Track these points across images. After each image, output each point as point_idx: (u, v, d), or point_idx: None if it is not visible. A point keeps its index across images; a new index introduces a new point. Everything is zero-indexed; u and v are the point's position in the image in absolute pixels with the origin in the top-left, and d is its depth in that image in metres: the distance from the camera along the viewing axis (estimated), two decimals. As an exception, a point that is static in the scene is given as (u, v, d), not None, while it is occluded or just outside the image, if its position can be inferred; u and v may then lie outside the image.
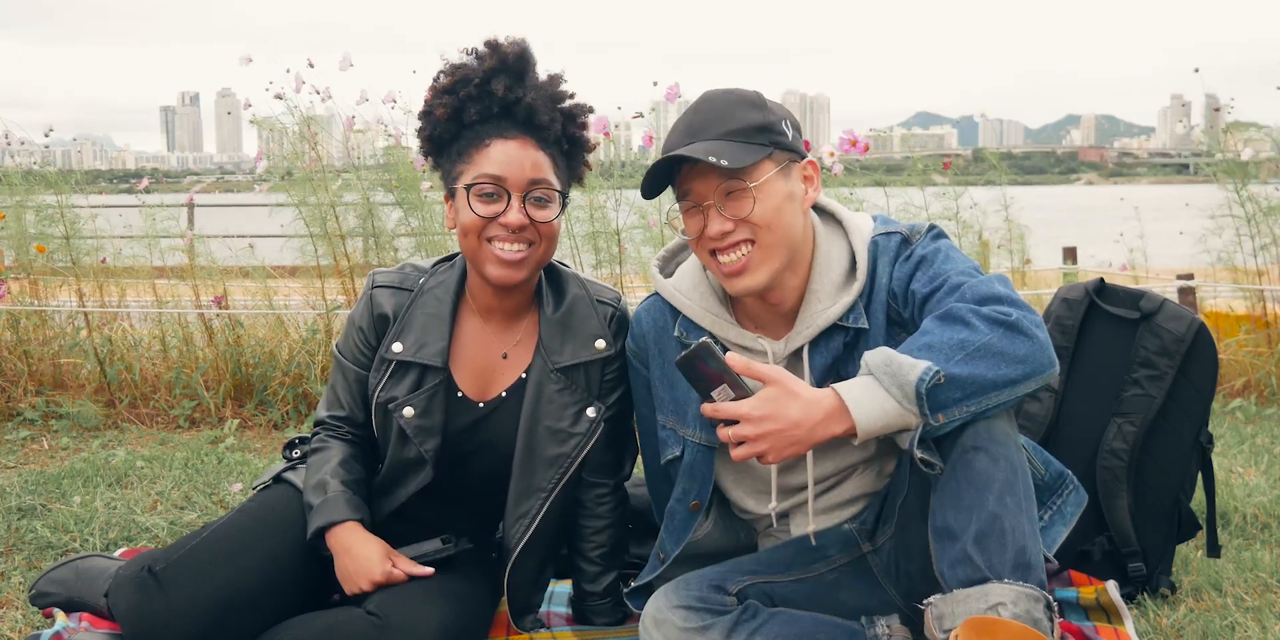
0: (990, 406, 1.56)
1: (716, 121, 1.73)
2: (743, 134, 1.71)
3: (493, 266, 1.88)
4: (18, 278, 4.69)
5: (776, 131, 1.74)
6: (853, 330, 1.79)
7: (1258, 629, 1.99)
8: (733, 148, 1.70)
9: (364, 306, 2.00)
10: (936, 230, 1.80)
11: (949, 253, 1.74)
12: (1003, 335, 1.56)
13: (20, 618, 2.15)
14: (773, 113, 1.75)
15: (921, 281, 1.72)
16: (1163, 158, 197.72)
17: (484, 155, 1.87)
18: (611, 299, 2.03)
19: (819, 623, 1.74)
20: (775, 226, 1.73)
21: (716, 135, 1.71)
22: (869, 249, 1.80)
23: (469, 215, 1.87)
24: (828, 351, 1.80)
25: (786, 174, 1.75)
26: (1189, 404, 2.19)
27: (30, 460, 3.61)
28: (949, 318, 1.59)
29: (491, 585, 2.00)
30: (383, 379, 1.96)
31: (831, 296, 1.80)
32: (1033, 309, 1.61)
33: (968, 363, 1.54)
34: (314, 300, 4.69)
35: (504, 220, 1.85)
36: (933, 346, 1.56)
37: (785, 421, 1.56)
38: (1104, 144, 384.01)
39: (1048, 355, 1.58)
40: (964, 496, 1.56)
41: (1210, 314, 4.79)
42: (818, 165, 1.82)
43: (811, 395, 1.57)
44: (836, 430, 1.57)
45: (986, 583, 1.52)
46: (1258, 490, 2.88)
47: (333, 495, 1.91)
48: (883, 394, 1.54)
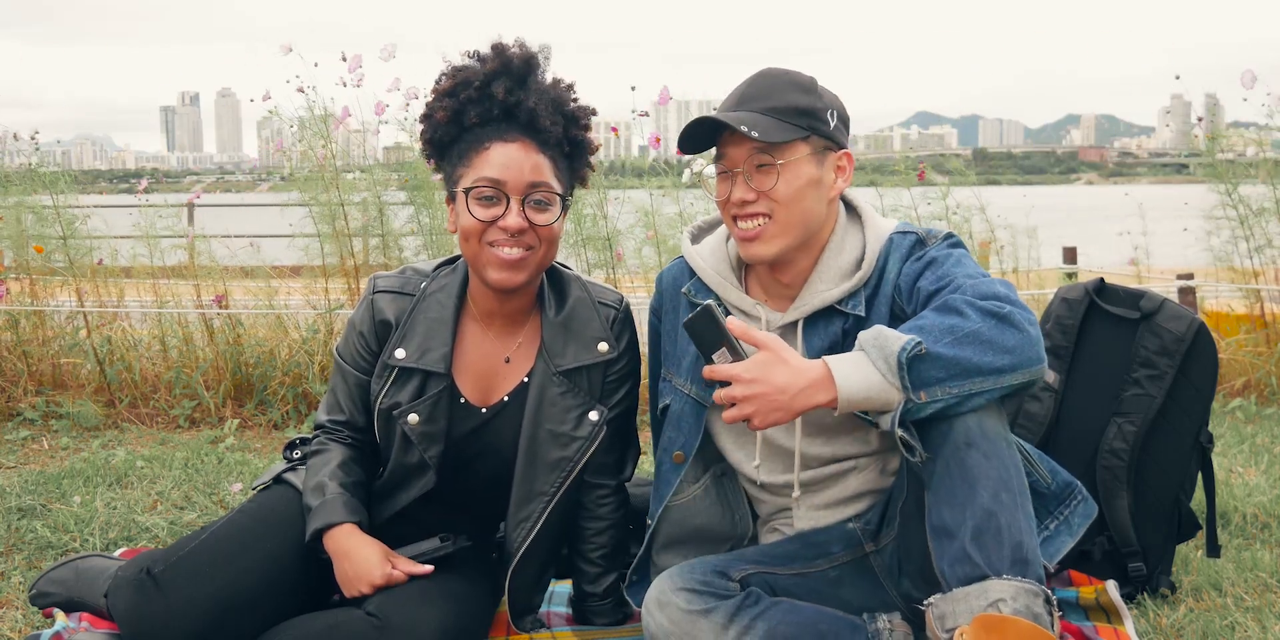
0: (974, 393, 1.58)
1: (765, 96, 1.80)
2: (785, 113, 1.78)
3: (492, 270, 1.88)
4: (17, 278, 4.69)
5: (819, 118, 1.80)
6: (852, 317, 1.83)
7: (1258, 629, 1.99)
8: (770, 123, 1.77)
9: (365, 311, 1.99)
10: (954, 238, 1.84)
11: (961, 258, 1.78)
12: (994, 325, 1.58)
13: (20, 618, 2.15)
14: (820, 99, 1.81)
15: (929, 280, 1.75)
16: (1163, 158, 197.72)
17: (483, 158, 1.87)
18: (614, 301, 2.02)
19: (821, 613, 1.75)
20: (793, 206, 1.79)
21: (760, 109, 1.79)
22: (884, 245, 1.86)
23: (468, 219, 1.86)
24: (826, 334, 1.84)
25: (819, 160, 1.81)
26: (1189, 404, 2.19)
27: (30, 460, 3.61)
28: (945, 307, 1.63)
29: (491, 585, 2.00)
30: (385, 385, 1.95)
31: (834, 280, 1.85)
32: (1030, 310, 1.62)
33: (955, 345, 1.57)
34: (315, 299, 4.69)
35: (503, 224, 1.85)
36: (924, 328, 1.60)
37: (771, 386, 1.59)
38: (1104, 144, 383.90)
39: (1036, 350, 1.60)
40: (959, 494, 1.57)
41: (1211, 314, 4.79)
42: (853, 158, 1.87)
43: (800, 363, 1.61)
44: (820, 399, 1.59)
45: (986, 580, 1.53)
46: (1258, 490, 2.88)
47: (331, 497, 1.91)
48: (869, 366, 1.57)
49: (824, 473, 1.89)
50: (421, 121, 1.96)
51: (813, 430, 1.87)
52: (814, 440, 1.88)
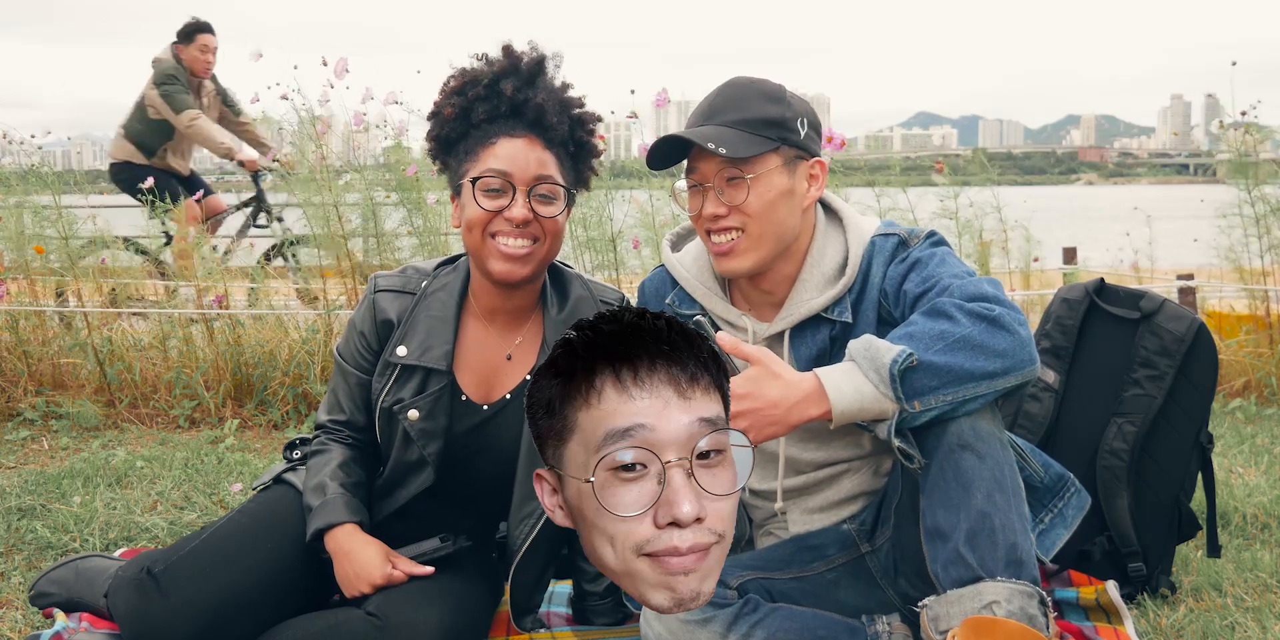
0: (968, 398, 1.57)
1: (733, 108, 1.77)
2: (754, 125, 1.76)
3: (496, 262, 1.88)
4: (16, 278, 4.69)
5: (788, 128, 1.77)
6: (839, 324, 1.82)
7: (1258, 629, 1.99)
8: (739, 137, 1.74)
9: (366, 311, 1.99)
10: (936, 237, 1.83)
11: (945, 257, 1.76)
12: (984, 329, 1.57)
13: (20, 618, 2.15)
14: (790, 108, 1.78)
15: (914, 282, 1.74)
16: (1163, 158, 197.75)
17: (490, 152, 1.88)
18: (615, 299, 2.03)
19: (819, 618, 1.75)
20: (766, 219, 1.77)
21: (728, 121, 1.76)
22: (866, 248, 1.84)
23: (474, 209, 1.87)
24: (813, 343, 1.83)
25: (791, 170, 1.79)
26: (1189, 404, 2.19)
27: (30, 460, 3.61)
28: (933, 311, 1.62)
29: (491, 585, 2.00)
30: (387, 383, 1.96)
31: (819, 288, 1.84)
32: (1019, 309, 1.62)
33: (946, 352, 1.56)
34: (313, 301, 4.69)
35: (508, 214, 1.85)
36: (914, 336, 1.59)
37: (764, 400, 1.58)
38: (1104, 144, 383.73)
39: (1028, 352, 1.59)
40: (952, 495, 1.57)
41: (1211, 314, 4.79)
42: (826, 166, 1.84)
43: (792, 377, 1.60)
44: (814, 412, 1.59)
45: (980, 582, 1.53)
46: (1258, 490, 2.88)
47: (331, 497, 1.91)
48: (861, 378, 1.57)
49: (817, 477, 1.89)
50: (429, 119, 1.96)
51: (805, 435, 1.86)
52: (806, 445, 1.87)
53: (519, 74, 1.91)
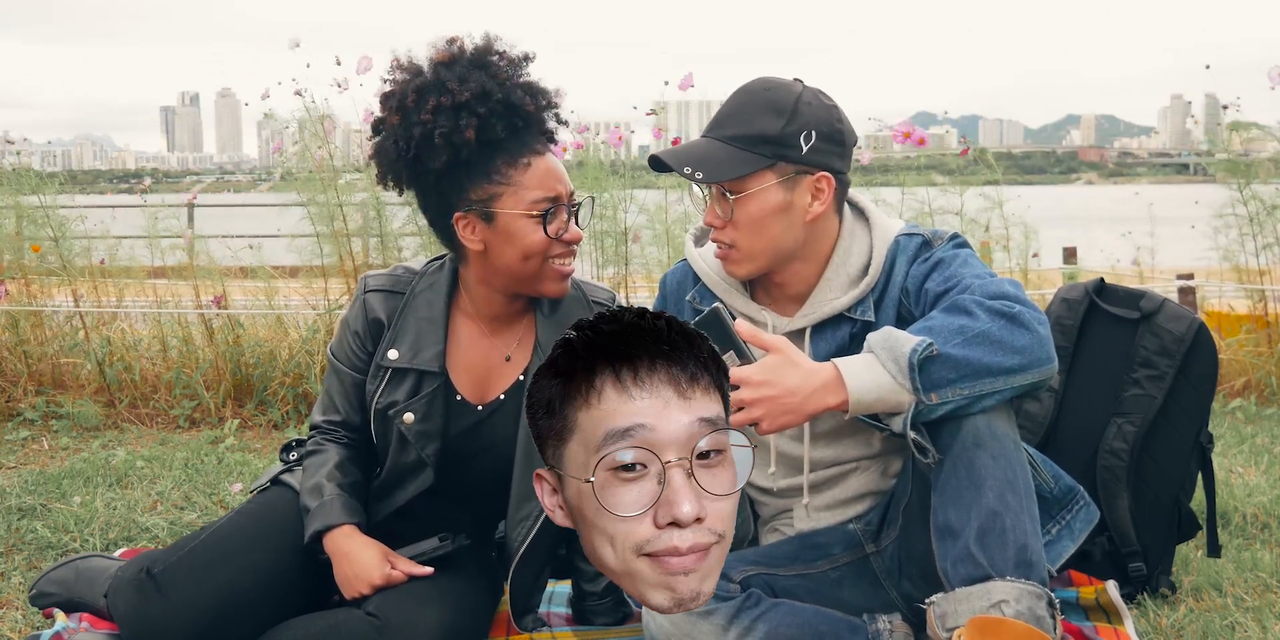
0: (984, 394, 1.57)
1: (733, 121, 1.76)
2: (748, 142, 1.74)
3: (552, 283, 1.89)
4: (14, 278, 4.69)
5: (787, 144, 1.73)
6: (860, 322, 1.82)
7: (1258, 629, 1.99)
8: (729, 155, 1.73)
9: (358, 311, 1.99)
10: (960, 239, 1.83)
11: (968, 259, 1.77)
12: (1003, 326, 1.58)
13: (20, 618, 2.14)
14: (795, 121, 1.73)
15: (936, 281, 1.74)
16: (1163, 158, 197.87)
17: (529, 174, 1.84)
18: (605, 298, 2.03)
19: (821, 614, 1.75)
20: (756, 235, 1.77)
21: (725, 136, 1.75)
22: (890, 248, 1.84)
23: (538, 238, 1.84)
24: (833, 340, 1.84)
25: (789, 186, 1.76)
26: (1189, 404, 2.19)
27: (30, 460, 3.61)
28: (953, 307, 1.63)
29: (491, 585, 2.00)
30: (380, 385, 1.95)
31: (843, 288, 1.84)
32: (1039, 309, 1.62)
33: (965, 346, 1.56)
34: (314, 299, 4.69)
35: (568, 236, 1.87)
36: (933, 329, 1.59)
37: (781, 389, 1.58)
38: (1104, 144, 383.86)
39: (1046, 350, 1.59)
40: (964, 494, 1.57)
41: (1211, 314, 4.79)
42: (832, 180, 1.79)
43: (811, 366, 1.60)
44: (831, 402, 1.59)
45: (989, 581, 1.53)
46: (1258, 490, 2.88)
47: (329, 499, 1.91)
48: (879, 368, 1.57)
49: (826, 475, 1.89)
50: (440, 140, 1.80)
51: (817, 434, 1.87)
52: (818, 444, 1.87)
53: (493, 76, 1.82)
